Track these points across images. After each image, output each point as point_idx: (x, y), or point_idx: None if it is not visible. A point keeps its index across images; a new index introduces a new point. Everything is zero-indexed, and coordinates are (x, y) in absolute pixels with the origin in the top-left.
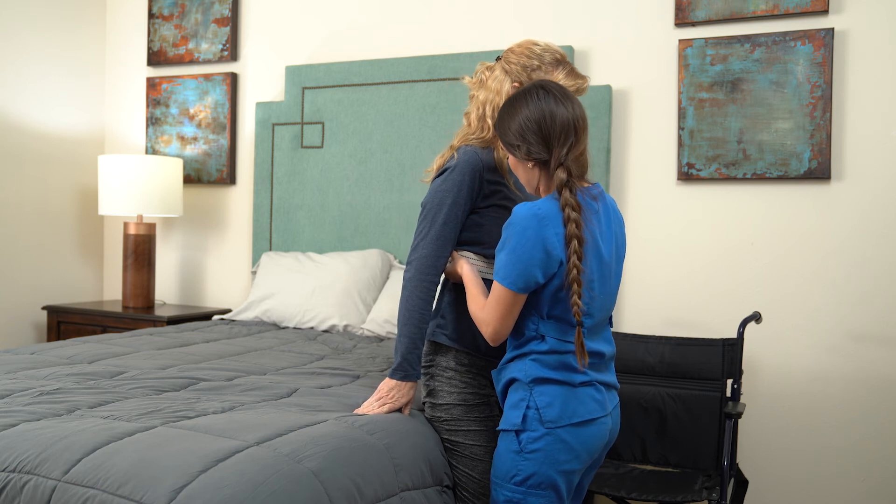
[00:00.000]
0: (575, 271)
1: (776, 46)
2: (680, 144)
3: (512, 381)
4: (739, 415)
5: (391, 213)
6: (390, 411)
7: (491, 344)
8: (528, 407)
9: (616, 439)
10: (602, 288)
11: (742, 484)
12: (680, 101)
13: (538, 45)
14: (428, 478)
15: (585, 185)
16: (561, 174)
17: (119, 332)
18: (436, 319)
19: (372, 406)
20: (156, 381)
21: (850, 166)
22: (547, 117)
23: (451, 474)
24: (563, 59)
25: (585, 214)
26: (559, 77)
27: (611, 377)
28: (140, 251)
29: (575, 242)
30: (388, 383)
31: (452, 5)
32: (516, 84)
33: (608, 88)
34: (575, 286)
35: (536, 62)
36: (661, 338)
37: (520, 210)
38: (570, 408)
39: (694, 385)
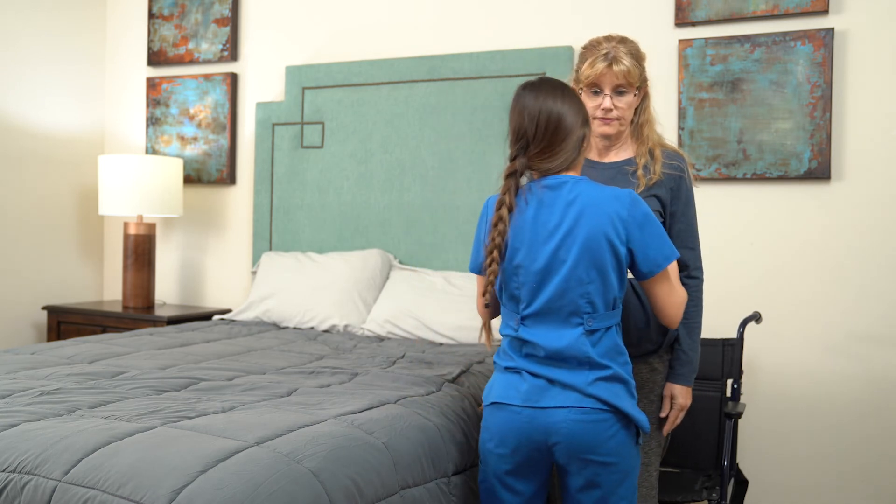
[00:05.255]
0: (491, 246)
1: (776, 46)
2: (680, 144)
3: None
4: (739, 415)
5: (391, 213)
6: None
7: None
8: None
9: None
10: (534, 276)
11: (742, 484)
12: (680, 101)
13: (589, 41)
14: (429, 472)
15: (546, 176)
16: (509, 168)
17: (119, 332)
18: None
19: None
20: (156, 381)
21: (850, 166)
22: (512, 114)
23: (456, 462)
24: (590, 48)
25: (522, 204)
26: (582, 67)
27: (562, 375)
28: (140, 251)
29: (501, 226)
30: None
31: (452, 6)
32: (573, 84)
33: None
34: (488, 259)
35: (578, 60)
36: None
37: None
38: (492, 390)
39: (694, 385)
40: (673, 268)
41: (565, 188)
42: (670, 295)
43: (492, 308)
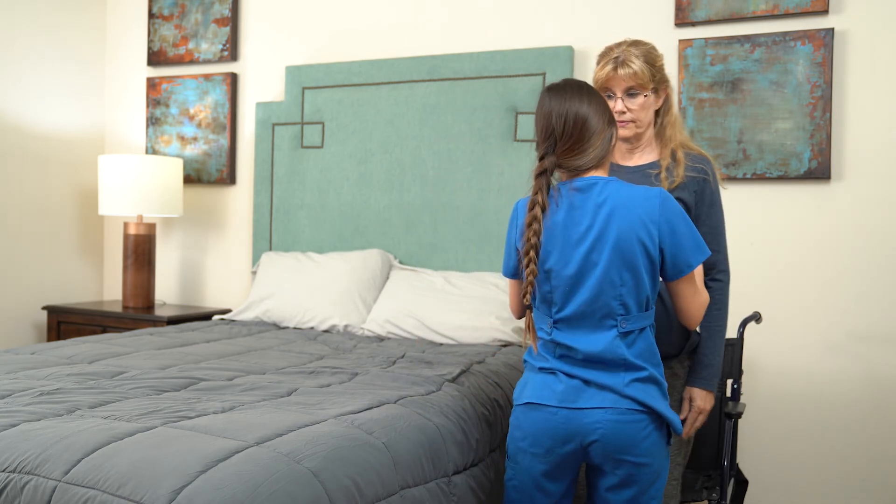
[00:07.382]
0: (527, 246)
1: (776, 46)
2: None
3: None
4: (739, 415)
5: (391, 213)
6: None
7: None
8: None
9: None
10: (567, 280)
11: (742, 484)
12: (680, 101)
13: (605, 47)
14: (430, 472)
15: (576, 177)
16: (539, 167)
17: (119, 332)
18: None
19: None
20: (156, 381)
21: (850, 166)
22: (537, 116)
23: (456, 462)
24: (606, 52)
25: (552, 206)
26: (596, 69)
27: (598, 377)
28: (140, 251)
29: (535, 225)
30: None
31: (452, 6)
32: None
33: None
34: (525, 260)
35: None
36: None
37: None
38: (525, 390)
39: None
40: (698, 270)
41: (595, 190)
42: (695, 296)
43: (530, 309)
